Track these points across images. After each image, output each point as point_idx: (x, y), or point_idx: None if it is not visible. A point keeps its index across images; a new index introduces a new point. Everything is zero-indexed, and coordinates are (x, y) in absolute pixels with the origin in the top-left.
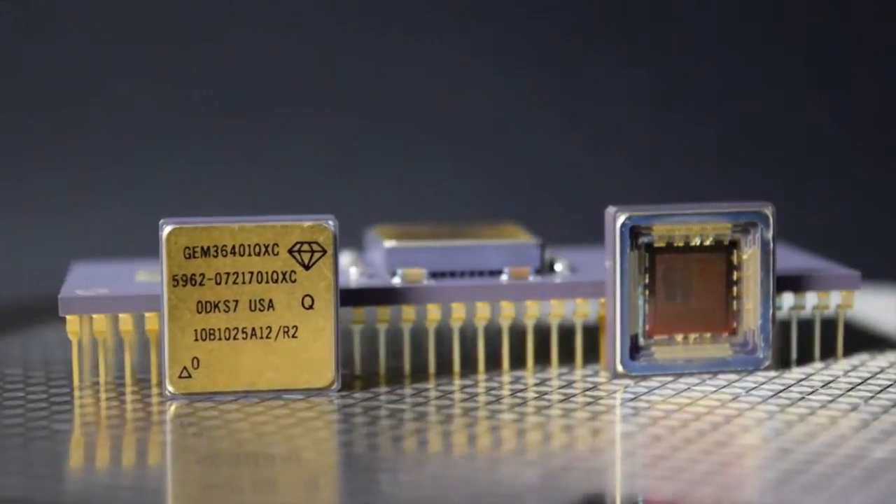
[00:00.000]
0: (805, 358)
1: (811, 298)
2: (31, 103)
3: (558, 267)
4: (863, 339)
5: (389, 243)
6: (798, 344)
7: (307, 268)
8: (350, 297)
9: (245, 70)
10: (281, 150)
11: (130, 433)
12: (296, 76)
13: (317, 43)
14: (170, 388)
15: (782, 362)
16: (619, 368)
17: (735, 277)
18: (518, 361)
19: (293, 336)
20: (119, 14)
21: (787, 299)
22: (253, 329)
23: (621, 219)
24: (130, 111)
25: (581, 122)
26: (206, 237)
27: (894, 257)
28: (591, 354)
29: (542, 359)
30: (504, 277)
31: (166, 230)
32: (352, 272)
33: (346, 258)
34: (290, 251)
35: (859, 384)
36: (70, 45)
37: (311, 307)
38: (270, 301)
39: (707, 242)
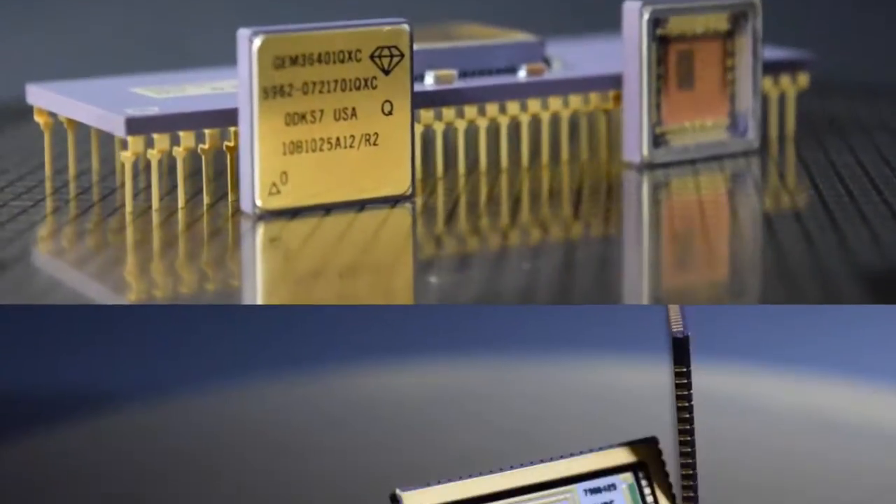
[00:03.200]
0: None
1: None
2: None
3: (555, 63)
4: None
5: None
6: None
7: (387, 73)
8: None
9: None
10: None
11: (219, 248)
12: None
13: None
14: (259, 203)
15: None
16: (646, 156)
17: (729, 64)
18: (539, 155)
19: (374, 143)
20: None
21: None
22: (337, 139)
23: (647, 14)
24: None
25: None
26: (295, 46)
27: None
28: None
29: (558, 151)
30: (522, 74)
31: (257, 42)
32: None
33: None
34: (372, 56)
35: None
36: None
37: (390, 113)
38: (353, 109)
39: (708, 32)
